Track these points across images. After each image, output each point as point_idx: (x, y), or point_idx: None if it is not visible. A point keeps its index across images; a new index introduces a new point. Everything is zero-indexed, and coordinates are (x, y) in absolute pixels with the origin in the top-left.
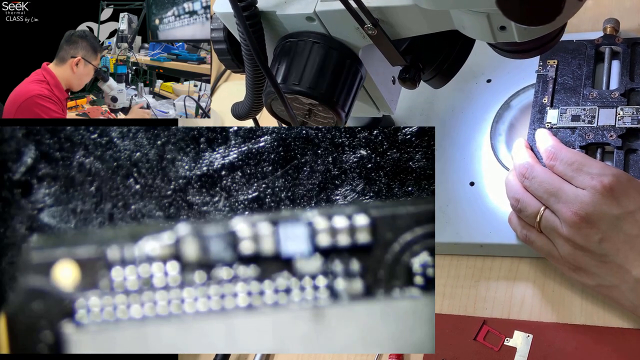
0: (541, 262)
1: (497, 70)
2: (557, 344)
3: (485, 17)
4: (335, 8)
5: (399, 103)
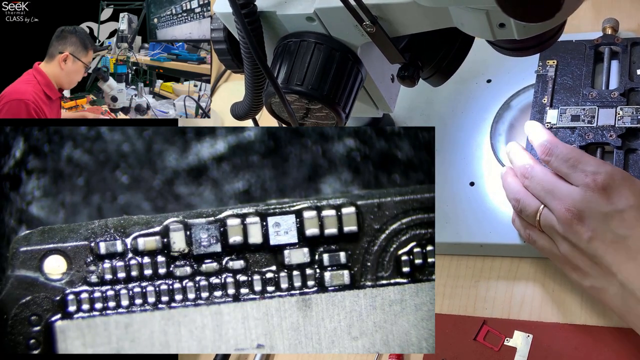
0: (541, 262)
1: (497, 70)
2: (557, 344)
3: (485, 14)
4: (334, 5)
5: (399, 103)
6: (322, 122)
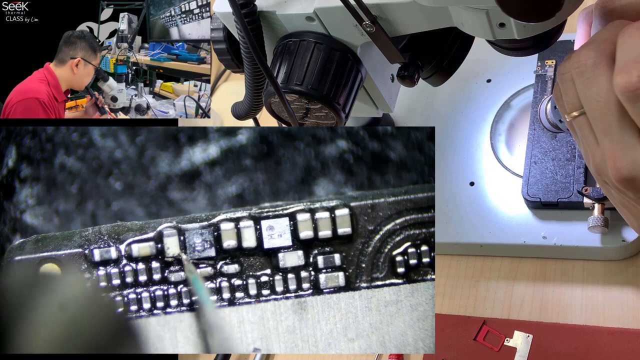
0: (541, 262)
1: (497, 70)
2: (557, 344)
3: (485, 14)
4: (334, 5)
5: (399, 103)
6: (322, 121)
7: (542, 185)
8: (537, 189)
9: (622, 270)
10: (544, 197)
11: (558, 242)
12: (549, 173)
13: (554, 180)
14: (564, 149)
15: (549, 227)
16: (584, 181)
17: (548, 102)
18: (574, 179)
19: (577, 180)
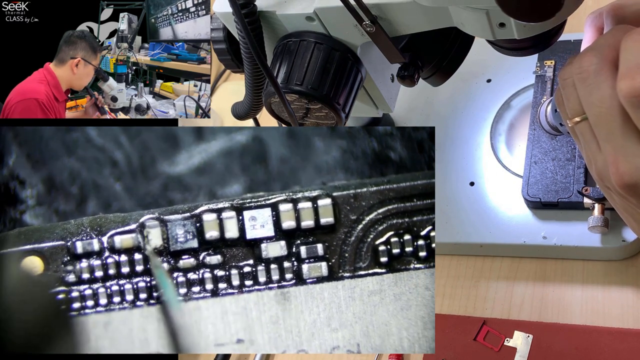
0: (541, 262)
1: (497, 70)
2: (557, 344)
3: (485, 14)
4: (334, 5)
5: (399, 103)
6: (322, 121)
7: (542, 185)
8: (537, 189)
9: (622, 270)
10: (544, 197)
11: (558, 242)
12: (549, 173)
13: (554, 180)
14: (564, 149)
15: (549, 227)
16: (584, 181)
17: (548, 104)
18: (574, 179)
19: (577, 180)
